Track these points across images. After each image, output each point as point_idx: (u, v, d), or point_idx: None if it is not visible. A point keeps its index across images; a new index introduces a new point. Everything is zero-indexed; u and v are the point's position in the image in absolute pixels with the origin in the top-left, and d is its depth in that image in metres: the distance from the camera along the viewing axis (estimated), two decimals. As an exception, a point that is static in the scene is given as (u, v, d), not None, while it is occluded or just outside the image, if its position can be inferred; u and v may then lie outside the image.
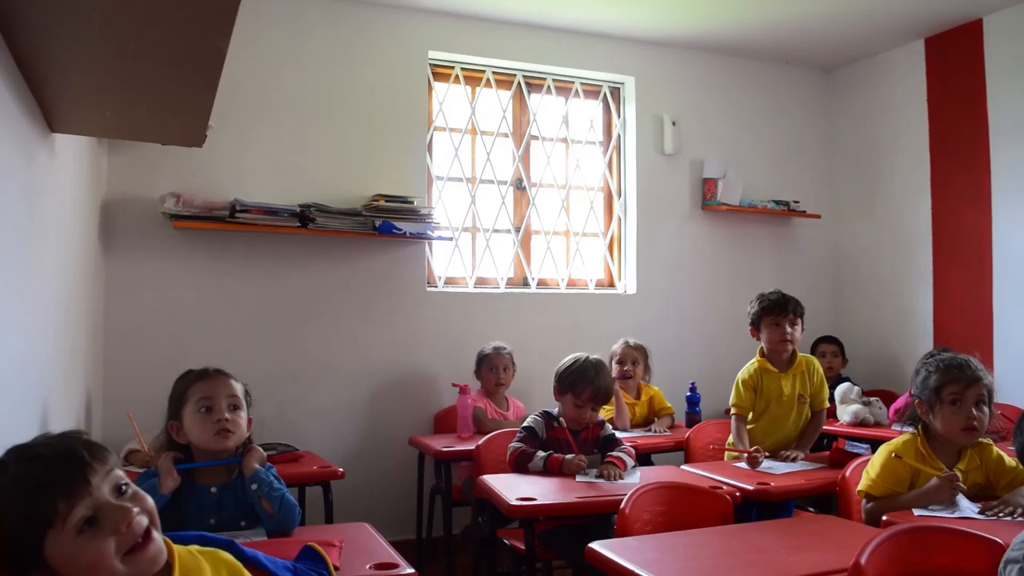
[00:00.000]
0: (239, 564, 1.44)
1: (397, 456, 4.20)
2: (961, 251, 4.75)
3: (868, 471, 2.64)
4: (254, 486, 2.14)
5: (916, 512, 2.38)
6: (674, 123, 5.02)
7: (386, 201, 4.13)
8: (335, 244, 4.20)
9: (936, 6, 4.51)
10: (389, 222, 4.10)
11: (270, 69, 4.15)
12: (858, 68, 5.44)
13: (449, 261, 4.60)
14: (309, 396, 4.13)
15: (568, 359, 3.22)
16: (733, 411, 3.50)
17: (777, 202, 5.20)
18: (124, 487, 1.29)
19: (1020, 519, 2.29)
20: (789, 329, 3.46)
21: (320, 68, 4.26)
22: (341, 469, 3.18)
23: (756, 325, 3.54)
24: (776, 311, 3.48)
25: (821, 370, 3.60)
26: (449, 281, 4.62)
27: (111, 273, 3.80)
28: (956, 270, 4.78)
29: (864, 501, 2.61)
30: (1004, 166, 4.52)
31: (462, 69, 4.69)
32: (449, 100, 4.68)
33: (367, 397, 4.26)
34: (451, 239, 4.55)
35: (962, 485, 2.44)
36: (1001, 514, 2.33)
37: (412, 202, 4.22)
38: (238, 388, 2.26)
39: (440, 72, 4.66)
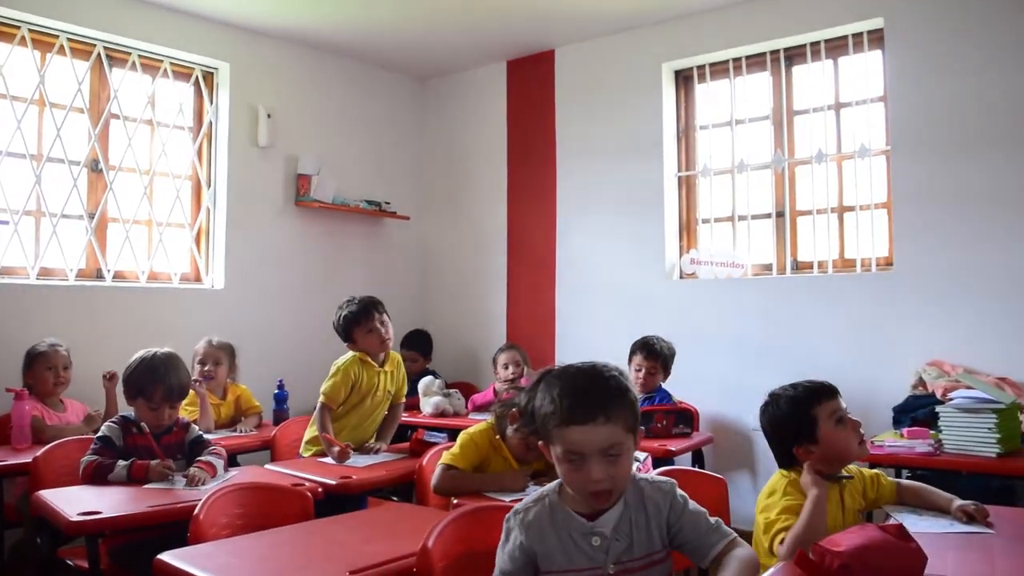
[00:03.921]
0: None
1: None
2: (531, 254, 5.32)
3: (452, 449, 2.83)
4: None
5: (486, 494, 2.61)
6: (269, 115, 4.94)
7: (-79, 175, 3.52)
8: None
9: (517, 33, 5.00)
10: (-75, 200, 3.50)
11: None
12: (450, 81, 5.81)
13: (6, 248, 4.05)
14: None
15: (134, 359, 2.99)
16: (323, 399, 3.42)
17: (369, 202, 5.36)
18: None
19: None
20: (381, 328, 3.57)
21: None
22: None
23: (354, 327, 3.57)
24: (371, 310, 3.57)
25: (403, 365, 3.78)
26: (6, 271, 4.06)
27: None
28: (526, 271, 5.33)
29: (443, 468, 2.75)
30: (567, 179, 5.17)
31: (30, 30, 4.15)
32: (12, 64, 4.11)
33: None
34: (8, 223, 4.01)
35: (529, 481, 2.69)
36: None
37: (-42, 178, 3.65)
38: None
39: (2, 31, 4.08)
